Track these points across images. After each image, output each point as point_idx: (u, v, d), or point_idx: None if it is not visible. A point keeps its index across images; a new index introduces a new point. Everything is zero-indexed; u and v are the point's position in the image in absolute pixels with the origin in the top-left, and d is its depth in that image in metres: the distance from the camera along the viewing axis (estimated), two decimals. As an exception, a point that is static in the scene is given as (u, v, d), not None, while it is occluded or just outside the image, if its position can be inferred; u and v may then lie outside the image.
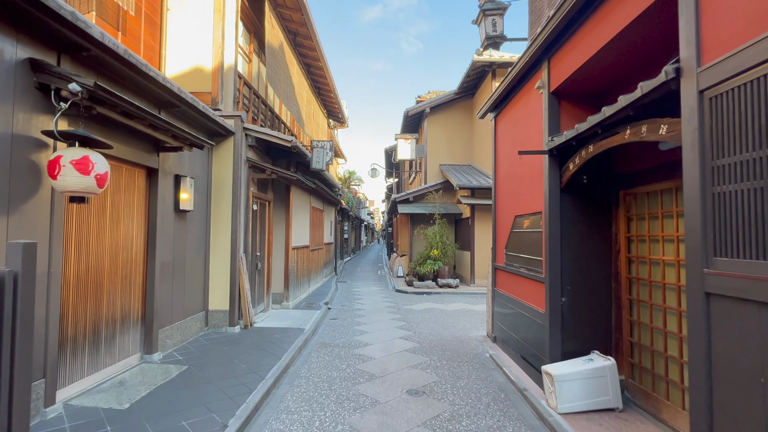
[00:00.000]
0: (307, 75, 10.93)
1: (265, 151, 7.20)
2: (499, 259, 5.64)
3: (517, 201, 4.88)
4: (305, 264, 9.51)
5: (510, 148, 5.23)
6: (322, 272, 11.97)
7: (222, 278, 5.88)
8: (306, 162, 7.71)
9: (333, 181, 10.76)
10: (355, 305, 8.67)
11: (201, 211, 5.66)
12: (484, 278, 11.39)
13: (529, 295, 4.38)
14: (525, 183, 4.60)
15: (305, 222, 9.52)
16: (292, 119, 10.18)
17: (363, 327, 6.60)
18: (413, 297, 10.03)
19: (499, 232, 5.66)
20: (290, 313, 7.35)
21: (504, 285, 5.39)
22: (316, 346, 5.49)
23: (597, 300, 3.85)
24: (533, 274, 4.24)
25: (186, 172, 5.16)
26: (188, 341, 5.20)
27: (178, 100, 4.45)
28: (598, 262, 3.87)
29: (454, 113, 14.22)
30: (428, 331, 6.35)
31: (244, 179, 6.28)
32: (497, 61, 11.24)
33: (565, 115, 3.93)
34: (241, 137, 6.06)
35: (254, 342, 5.32)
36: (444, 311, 8.03)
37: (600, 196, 3.90)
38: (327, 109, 13.88)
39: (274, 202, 7.88)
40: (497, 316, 5.61)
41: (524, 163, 4.64)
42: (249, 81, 7.49)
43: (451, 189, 13.06)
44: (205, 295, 5.80)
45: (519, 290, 4.75)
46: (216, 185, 5.97)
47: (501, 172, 5.64)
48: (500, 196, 5.66)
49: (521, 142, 4.75)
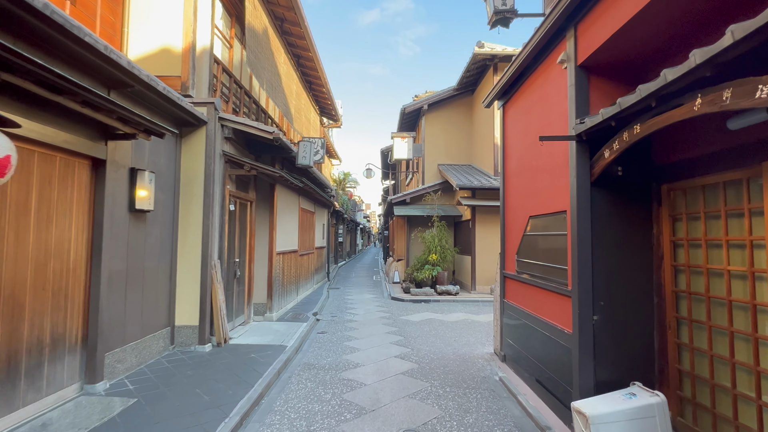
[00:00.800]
0: (297, 66, 10.23)
1: (246, 145, 6.47)
2: (509, 267, 4.93)
3: (533, 199, 4.18)
4: (293, 270, 8.76)
5: (522, 139, 4.54)
6: (312, 279, 11.22)
7: (191, 289, 5.13)
8: (291, 157, 6.98)
9: (324, 181, 10.04)
10: (346, 315, 7.92)
11: (166, 211, 4.91)
12: (486, 285, 10.69)
13: (550, 311, 3.66)
14: (543, 178, 3.89)
15: (293, 224, 8.78)
16: (280, 115, 9.47)
17: (354, 342, 5.85)
18: (410, 306, 9.30)
19: (509, 236, 4.95)
20: (273, 326, 6.59)
21: (515, 296, 4.68)
22: (299, 367, 4.74)
23: (636, 318, 3.14)
24: (555, 286, 3.53)
25: (145, 166, 4.42)
26: (147, 364, 4.43)
27: (129, 78, 3.72)
28: (636, 271, 3.17)
29: (453, 111, 13.57)
30: (428, 347, 5.61)
31: (219, 175, 5.54)
32: (499, 54, 10.60)
33: (596, 92, 3.24)
34: (215, 127, 5.32)
35: (226, 364, 4.56)
36: (444, 323, 7.30)
37: (637, 192, 3.20)
38: (319, 106, 13.17)
39: (257, 202, 7.14)
40: (507, 331, 4.89)
41: (542, 154, 3.94)
42: (229, 69, 6.78)
43: (450, 190, 12.38)
44: (171, 309, 5.03)
45: (535, 304, 4.04)
46: (185, 182, 5.22)
47: (511, 166, 4.94)
48: (510, 195, 4.96)
49: (538, 130, 4.06)
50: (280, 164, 7.69)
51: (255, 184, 7.05)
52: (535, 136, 4.16)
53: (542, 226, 3.93)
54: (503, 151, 5.20)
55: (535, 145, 4.15)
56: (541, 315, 3.84)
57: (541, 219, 3.96)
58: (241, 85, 7.21)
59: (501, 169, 5.20)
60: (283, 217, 7.94)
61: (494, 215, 10.80)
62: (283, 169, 7.23)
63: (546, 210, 3.83)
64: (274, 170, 5.69)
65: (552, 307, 3.62)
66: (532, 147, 4.21)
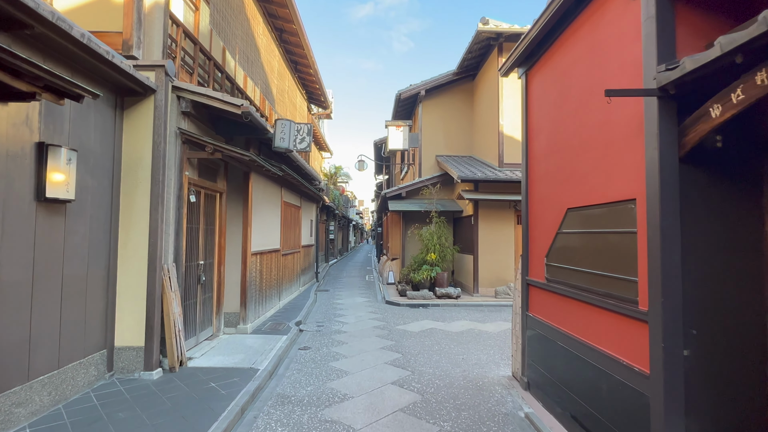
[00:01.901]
0: (279, 42, 9.13)
1: (212, 125, 5.40)
2: (534, 272, 3.96)
3: (572, 187, 3.20)
4: (274, 272, 7.71)
5: (555, 111, 3.55)
6: (298, 280, 10.18)
7: (135, 300, 4.07)
8: (268, 140, 5.92)
9: (311, 172, 8.99)
10: (334, 325, 6.91)
11: (99, 202, 3.84)
12: (490, 287, 9.75)
13: (604, 337, 2.69)
14: (591, 157, 2.91)
15: (274, 220, 7.73)
16: (261, 98, 8.38)
17: (342, 363, 4.85)
18: (407, 311, 8.31)
19: (535, 234, 3.98)
20: (246, 340, 5.56)
21: (544, 310, 3.71)
22: (270, 401, 3.72)
23: (743, 352, 2.18)
24: (614, 304, 2.56)
25: (63, 141, 3.35)
26: (67, 402, 3.38)
27: (23, 13, 2.65)
28: (742, 286, 2.21)
29: (453, 97, 12.56)
30: (431, 368, 4.63)
31: (175, 158, 4.48)
32: (506, 31, 9.61)
33: (684, 29, 2.26)
34: (166, 98, 4.25)
35: (175, 399, 3.53)
36: (447, 334, 6.33)
37: (742, 173, 2.24)
38: (306, 91, 12.08)
39: (228, 194, 6.08)
40: (532, 352, 3.93)
41: (588, 125, 2.96)
42: (194, 35, 5.69)
43: (449, 183, 11.40)
44: (109, 327, 3.98)
45: (577, 323, 3.07)
46: (128, 165, 4.16)
47: (537, 147, 3.95)
48: (536, 182, 3.97)
49: (582, 94, 3.07)
50: (257, 150, 6.63)
51: (226, 173, 5.99)
52: (575, 104, 3.17)
53: (588, 221, 2.95)
54: (526, 130, 4.21)
55: (575, 115, 3.17)
56: (589, 340, 2.87)
57: (586, 212, 2.99)
58: (209, 56, 6.12)
59: (524, 152, 4.21)
60: (262, 212, 6.89)
61: (499, 210, 9.86)
62: (260, 155, 6.17)
63: (595, 199, 2.85)
64: (243, 152, 4.64)
65: (609, 333, 2.65)
66: (571, 119, 3.23)
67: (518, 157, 10.11)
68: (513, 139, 10.15)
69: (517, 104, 10.12)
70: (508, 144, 10.15)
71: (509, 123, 10.11)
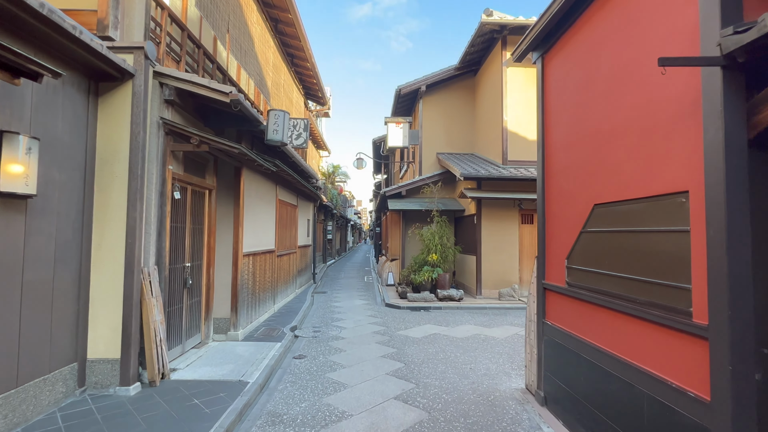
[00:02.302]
0: (275, 34, 8.73)
1: (200, 115, 5.00)
2: (552, 276, 3.58)
3: (602, 178, 2.83)
4: (268, 274, 7.32)
5: (579, 94, 3.18)
6: (294, 282, 9.78)
7: (111, 307, 3.67)
8: (261, 134, 5.52)
9: (308, 169, 8.60)
10: (332, 330, 6.52)
11: (68, 198, 3.44)
12: (494, 289, 9.39)
13: (647, 353, 2.31)
14: (626, 144, 2.54)
15: (269, 219, 7.33)
16: (256, 91, 7.98)
17: (340, 373, 4.46)
18: (408, 315, 7.93)
19: (553, 233, 3.61)
20: (237, 348, 5.16)
21: (565, 318, 3.33)
22: (260, 420, 3.33)
23: (822, 377, 1.81)
24: (660, 315, 2.18)
25: (23, 129, 2.95)
26: (27, 425, 2.98)
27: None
28: (820, 295, 1.84)
29: (454, 94, 12.20)
30: (437, 380, 4.25)
31: (158, 151, 4.09)
32: (510, 23, 9.24)
33: (752, -14, 1.89)
34: (146, 84, 3.86)
35: (152, 419, 3.13)
36: (452, 340, 5.95)
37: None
38: (303, 86, 11.68)
39: (218, 191, 5.69)
40: (549, 363, 3.56)
41: (623, 107, 2.58)
42: (181, 20, 5.29)
43: (451, 182, 11.04)
44: (80, 337, 3.57)
45: (608, 335, 2.69)
46: (103, 158, 3.76)
47: (556, 136, 3.58)
48: (554, 176, 3.60)
49: (613, 73, 2.70)
50: (249, 144, 6.23)
51: (216, 168, 5.59)
52: (604, 85, 2.80)
53: (622, 219, 2.57)
54: (542, 120, 3.83)
55: (605, 99, 2.79)
56: (624, 354, 2.50)
57: (619, 208, 2.61)
58: (199, 44, 5.72)
59: (540, 144, 3.84)
60: (255, 211, 6.50)
61: (503, 209, 9.50)
62: (253, 150, 5.77)
63: (631, 193, 2.48)
64: (232, 144, 4.24)
65: (651, 348, 2.27)
66: (599, 103, 2.86)
67: (523, 154, 9.76)
68: (517, 136, 9.79)
69: (521, 99, 9.77)
70: (512, 140, 9.79)
71: (513, 118, 9.76)
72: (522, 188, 9.36)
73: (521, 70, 9.83)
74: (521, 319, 7.47)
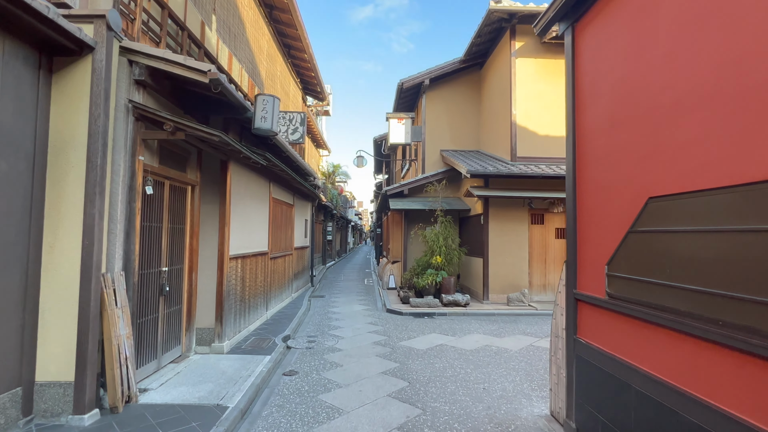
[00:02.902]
0: (269, 21, 8.19)
1: (178, 100, 4.45)
2: (586, 284, 3.01)
3: (662, 164, 2.26)
4: (260, 278, 6.76)
5: (625, 64, 2.61)
6: (290, 286, 9.22)
7: (64, 321, 3.12)
8: (248, 121, 4.96)
9: (304, 165, 8.04)
10: (328, 340, 5.95)
11: (12, 192, 2.88)
12: (502, 293, 8.82)
13: (746, 397, 1.74)
14: (706, 115, 1.97)
15: (261, 219, 6.78)
16: (250, 83, 7.44)
17: (335, 395, 3.89)
18: (411, 322, 7.36)
19: (587, 233, 3.04)
20: (221, 362, 4.60)
21: (604, 336, 2.76)
22: (236, 458, 2.77)
23: None
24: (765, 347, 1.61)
25: (-57, 104, 2.40)
26: (-55, 469, 2.42)
27: None
28: None
29: (459, 88, 11.64)
30: (447, 405, 3.68)
31: (126, 138, 3.54)
32: (520, 11, 8.69)
33: None
34: (109, 59, 3.31)
35: (103, 459, 2.57)
36: (461, 353, 5.38)
37: None
38: (301, 79, 11.13)
39: (203, 187, 5.14)
40: (582, 389, 2.99)
41: (697, 69, 2.02)
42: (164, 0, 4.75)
43: (455, 180, 10.48)
44: (25, 357, 3.02)
45: (673, 364, 2.12)
46: (57, 146, 3.20)
47: (591, 117, 3.01)
48: (590, 164, 3.03)
49: (682, 28, 2.13)
50: (238, 136, 5.68)
51: (200, 162, 5.04)
52: (667, 46, 2.23)
53: (695, 215, 2.00)
54: (572, 99, 3.27)
55: (668, 63, 2.23)
56: (704, 395, 1.92)
57: (691, 200, 2.04)
58: (183, 26, 5.18)
59: (569, 128, 3.27)
60: (245, 209, 5.94)
61: (512, 209, 8.93)
62: (242, 142, 5.21)
63: (712, 181, 1.91)
64: (212, 131, 3.69)
65: (753, 390, 1.70)
66: (659, 69, 2.29)
67: (533, 150, 9.21)
68: (527, 130, 9.23)
69: (531, 91, 9.21)
70: (521, 135, 9.22)
71: (522, 112, 9.19)
72: (532, 186, 8.79)
73: (531, 61, 9.28)
74: (534, 326, 6.89)
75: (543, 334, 6.38)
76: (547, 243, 9.10)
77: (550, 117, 9.19)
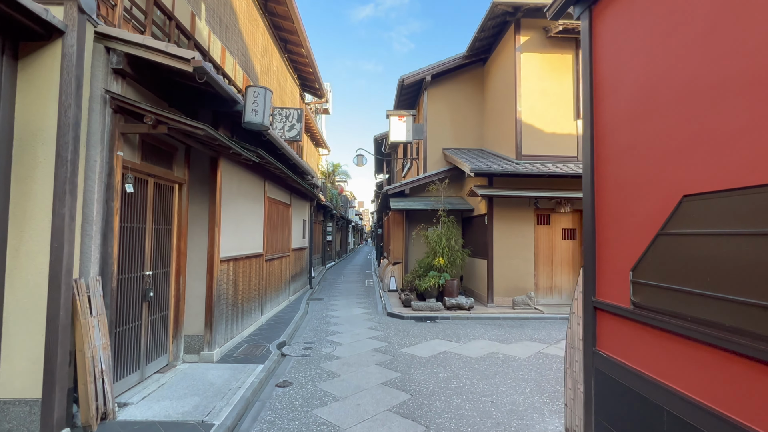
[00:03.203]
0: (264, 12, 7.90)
1: (161, 92, 4.17)
2: (606, 292, 2.72)
3: (699, 158, 1.96)
4: (254, 281, 6.48)
5: (653, 47, 2.31)
6: (286, 289, 8.93)
7: (30, 331, 2.84)
8: (239, 115, 4.68)
9: (301, 163, 7.76)
10: (325, 347, 5.67)
11: (-32, 189, 2.61)
12: (507, 296, 8.51)
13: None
14: (757, 98, 1.67)
15: (255, 219, 6.50)
16: (244, 78, 7.16)
17: (331, 410, 3.61)
18: (413, 327, 7.07)
19: (607, 235, 2.74)
20: (209, 373, 4.31)
21: (629, 350, 2.46)
22: (217, 487, 2.48)
23: None
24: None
25: None
26: None
27: None
28: None
29: (462, 84, 11.35)
30: (453, 421, 3.39)
31: (103, 131, 3.26)
32: (525, 4, 8.38)
33: None
34: (82, 44, 3.03)
35: (66, 489, 2.28)
36: (466, 361, 5.08)
37: None
38: (299, 75, 10.85)
39: (191, 185, 4.86)
40: (603, 406, 2.69)
41: (746, 45, 1.72)
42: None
43: (458, 179, 10.20)
44: (-14, 371, 2.74)
45: (716, 386, 1.83)
46: (23, 140, 2.93)
47: (613, 106, 2.72)
48: (611, 159, 2.74)
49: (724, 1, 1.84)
50: (229, 132, 5.39)
51: (188, 159, 4.76)
52: (706, 23, 1.93)
53: (741, 215, 1.71)
54: (590, 88, 2.97)
55: (705, 42, 1.93)
56: (754, 424, 1.63)
57: (736, 199, 1.75)
58: (170, 15, 4.90)
59: (587, 119, 2.97)
60: (237, 209, 5.66)
61: (517, 209, 8.63)
62: (234, 139, 4.93)
63: (762, 176, 1.61)
64: (196, 124, 3.40)
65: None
66: (696, 48, 2.00)
67: (539, 148, 8.91)
68: (533, 128, 8.93)
69: (536, 87, 8.91)
70: (526, 133, 8.92)
71: (528, 109, 8.89)
72: (538, 185, 8.50)
73: (537, 57, 8.97)
74: (541, 332, 6.60)
75: (552, 340, 6.08)
76: (554, 244, 8.80)
77: (557, 114, 8.90)
